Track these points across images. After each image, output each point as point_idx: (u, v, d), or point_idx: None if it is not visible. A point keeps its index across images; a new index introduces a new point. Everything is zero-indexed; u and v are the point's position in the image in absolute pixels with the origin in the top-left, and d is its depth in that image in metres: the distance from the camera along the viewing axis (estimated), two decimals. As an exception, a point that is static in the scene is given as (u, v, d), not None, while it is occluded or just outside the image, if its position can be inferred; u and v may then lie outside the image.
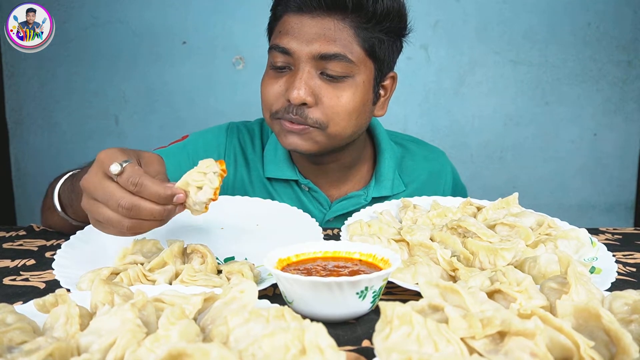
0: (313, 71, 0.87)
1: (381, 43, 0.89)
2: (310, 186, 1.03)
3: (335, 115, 0.88)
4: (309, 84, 0.86)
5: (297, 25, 0.86)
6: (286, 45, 0.87)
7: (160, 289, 0.52)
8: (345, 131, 0.91)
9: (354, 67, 0.87)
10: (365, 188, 1.05)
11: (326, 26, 0.85)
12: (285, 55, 0.87)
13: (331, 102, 0.87)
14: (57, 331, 0.42)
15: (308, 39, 0.85)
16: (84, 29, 2.17)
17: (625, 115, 2.37)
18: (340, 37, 0.85)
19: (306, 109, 0.87)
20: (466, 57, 2.29)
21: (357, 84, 0.89)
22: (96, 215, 0.62)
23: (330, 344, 0.35)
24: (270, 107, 0.91)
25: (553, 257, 0.61)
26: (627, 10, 2.28)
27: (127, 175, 0.59)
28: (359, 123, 0.93)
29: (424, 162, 1.13)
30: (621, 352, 0.36)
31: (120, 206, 0.59)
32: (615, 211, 2.46)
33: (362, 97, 0.90)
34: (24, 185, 2.30)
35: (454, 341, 0.35)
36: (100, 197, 0.60)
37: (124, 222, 0.60)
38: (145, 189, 0.58)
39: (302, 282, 0.50)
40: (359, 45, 0.87)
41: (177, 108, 2.25)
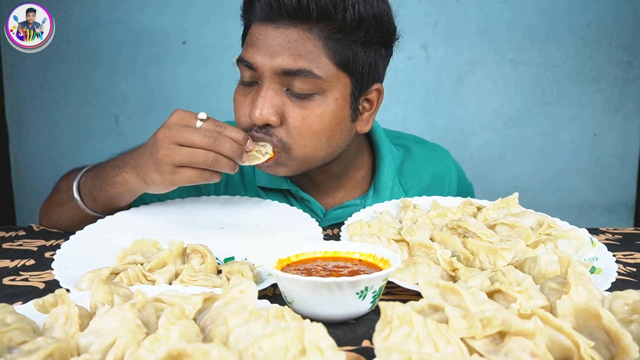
0: (278, 87, 0.80)
1: (356, 55, 0.81)
2: (302, 195, 0.98)
3: (301, 138, 0.81)
4: (272, 102, 0.79)
5: (262, 36, 0.79)
6: (250, 59, 0.80)
7: (160, 289, 0.52)
8: (315, 153, 0.84)
9: (322, 83, 0.79)
10: (363, 197, 1.01)
11: (290, 38, 0.77)
12: (250, 70, 0.81)
13: (296, 122, 0.80)
14: (57, 331, 0.42)
15: (271, 53, 0.78)
16: (84, 29, 2.17)
17: (625, 115, 2.37)
18: (306, 50, 0.77)
19: (271, 129, 0.81)
20: (466, 57, 2.29)
21: (327, 102, 0.81)
22: (180, 156, 0.71)
23: (330, 344, 0.35)
24: (242, 126, 0.85)
25: (553, 257, 0.61)
26: (627, 11, 2.28)
27: (212, 120, 0.73)
28: (333, 143, 0.85)
29: (426, 165, 1.07)
30: (621, 352, 0.36)
31: (207, 136, 0.70)
32: (616, 211, 2.45)
33: (334, 116, 0.82)
34: (24, 185, 2.30)
35: (454, 341, 0.35)
36: (185, 138, 0.71)
37: (209, 156, 0.71)
38: (228, 129, 0.73)
39: (302, 282, 0.50)
40: (329, 59, 0.79)
41: (177, 108, 2.25)
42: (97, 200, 0.84)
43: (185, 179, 0.73)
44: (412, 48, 2.26)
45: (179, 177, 0.73)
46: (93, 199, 0.84)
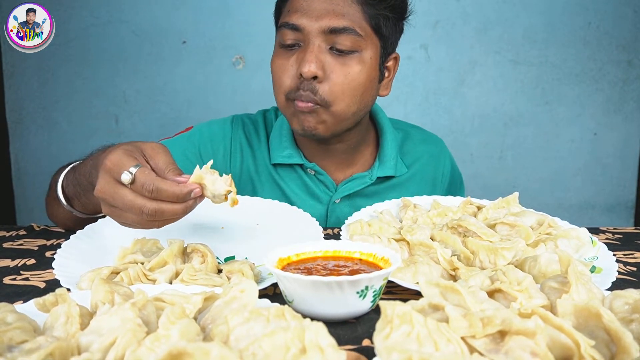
0: (323, 45, 0.88)
1: (387, 20, 0.92)
2: (316, 169, 1.04)
3: (341, 92, 0.89)
4: (319, 57, 0.87)
5: (306, 2, 0.89)
6: (296, 21, 0.88)
7: (160, 288, 0.52)
8: (349, 108, 0.92)
9: (362, 42, 0.89)
10: (370, 169, 1.07)
11: (334, 1, 0.88)
12: (295, 32, 0.89)
13: (339, 78, 0.89)
14: (58, 330, 0.42)
15: (318, 15, 0.87)
16: (84, 28, 2.17)
17: (626, 115, 2.37)
18: (349, 12, 0.88)
19: (316, 83, 0.88)
20: (466, 57, 2.29)
21: (364, 60, 0.90)
22: (122, 220, 0.64)
23: (331, 343, 0.35)
24: (284, 87, 0.92)
25: (553, 257, 0.61)
26: (627, 10, 2.28)
27: (141, 182, 0.59)
28: (364, 100, 0.94)
29: (423, 145, 1.15)
30: (622, 351, 0.36)
31: (144, 214, 0.60)
32: (616, 211, 2.45)
33: (369, 74, 0.92)
34: (24, 185, 2.30)
35: (454, 340, 0.35)
36: (120, 205, 0.61)
37: (153, 225, 0.63)
38: (162, 193, 0.59)
39: (302, 281, 0.50)
40: (366, 21, 0.90)
41: (177, 108, 2.25)
42: (87, 205, 0.82)
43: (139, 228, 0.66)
44: (412, 48, 2.26)
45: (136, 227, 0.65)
46: (81, 203, 0.83)
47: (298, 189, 1.05)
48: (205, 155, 1.06)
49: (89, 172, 0.74)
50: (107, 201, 0.62)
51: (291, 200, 1.04)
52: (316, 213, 1.03)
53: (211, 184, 0.62)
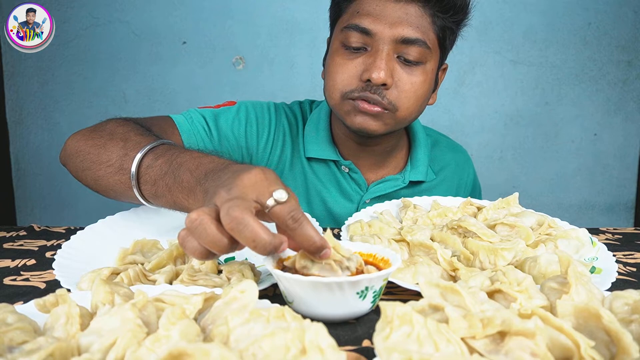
0: (392, 54, 0.88)
1: (451, 33, 0.94)
2: (351, 167, 1.04)
3: (407, 100, 0.90)
4: (389, 65, 0.87)
5: (380, 7, 0.88)
6: (368, 26, 0.87)
7: (160, 289, 0.52)
8: (410, 116, 0.94)
9: (428, 54, 0.90)
10: (402, 172, 1.09)
11: (409, 11, 0.88)
12: (364, 35, 0.88)
13: (405, 86, 0.90)
14: (58, 331, 0.42)
15: (391, 22, 0.87)
16: (84, 28, 2.17)
17: (626, 115, 2.37)
18: (421, 23, 0.88)
19: (384, 90, 0.89)
20: (466, 57, 2.29)
21: (427, 71, 0.92)
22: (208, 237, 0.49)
23: (331, 343, 0.35)
24: (343, 87, 0.91)
25: (553, 257, 0.61)
26: (627, 10, 2.28)
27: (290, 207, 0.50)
28: (422, 109, 0.97)
29: (451, 153, 1.18)
30: (621, 352, 0.36)
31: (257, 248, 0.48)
32: (616, 211, 2.45)
33: (429, 84, 0.94)
34: (24, 185, 2.30)
35: (454, 341, 0.35)
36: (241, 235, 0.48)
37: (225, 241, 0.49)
38: (302, 229, 0.50)
39: (302, 282, 0.50)
40: (434, 33, 0.91)
41: (178, 108, 2.25)
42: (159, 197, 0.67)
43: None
44: (412, 48, 2.26)
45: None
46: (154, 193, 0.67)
47: (330, 185, 1.06)
48: (250, 136, 1.02)
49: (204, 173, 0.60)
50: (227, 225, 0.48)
51: (322, 195, 1.05)
52: (346, 211, 1.05)
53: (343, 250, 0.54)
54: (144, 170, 0.68)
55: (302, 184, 1.06)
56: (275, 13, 2.16)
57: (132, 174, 0.68)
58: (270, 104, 1.09)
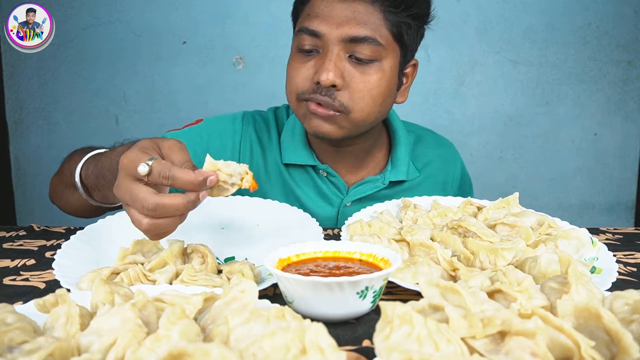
0: (342, 54, 0.87)
1: (408, 28, 0.90)
2: (329, 171, 1.03)
3: (361, 100, 0.88)
4: (338, 66, 0.86)
5: (327, 8, 0.87)
6: (316, 27, 0.86)
7: (160, 289, 0.52)
8: (369, 117, 0.91)
9: (382, 51, 0.87)
10: (382, 173, 1.06)
11: (356, 9, 0.85)
12: (314, 37, 0.87)
13: (358, 86, 0.87)
14: (58, 331, 0.42)
15: (338, 22, 0.85)
16: (84, 28, 2.17)
17: (626, 115, 2.37)
18: (370, 20, 0.86)
19: (335, 91, 0.87)
20: (466, 57, 2.29)
21: (384, 69, 0.89)
22: (130, 216, 0.62)
23: (331, 343, 0.35)
24: (297, 89, 0.91)
25: (553, 257, 0.61)
26: (627, 10, 2.28)
27: (157, 171, 0.58)
28: (383, 109, 0.94)
29: (435, 149, 1.15)
30: (622, 352, 0.36)
31: (144, 207, 0.58)
32: (616, 211, 2.45)
33: (388, 83, 0.91)
34: (24, 185, 2.30)
35: (454, 341, 0.35)
36: (129, 200, 0.60)
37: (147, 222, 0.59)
38: (178, 180, 0.58)
39: (302, 282, 0.50)
40: (388, 29, 0.88)
41: (178, 108, 2.25)
42: (108, 197, 0.83)
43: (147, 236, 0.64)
44: (412, 48, 2.26)
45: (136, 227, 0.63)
46: (103, 195, 0.83)
47: (309, 190, 1.04)
48: (213, 151, 1.02)
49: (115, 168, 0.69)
50: (121, 198, 0.61)
51: (302, 201, 1.03)
52: (327, 215, 1.03)
53: (226, 168, 0.61)
54: (85, 180, 0.81)
55: (281, 190, 1.04)
56: (275, 13, 2.16)
57: (78, 186, 0.81)
58: (237, 115, 1.09)
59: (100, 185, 0.80)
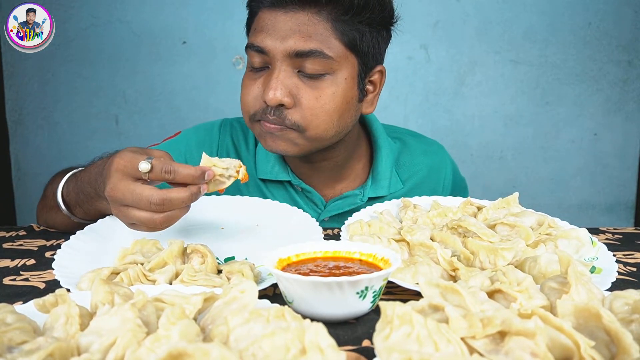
0: (290, 70, 0.82)
1: (363, 35, 0.84)
2: (303, 186, 0.99)
3: (315, 118, 0.83)
4: (285, 83, 0.81)
5: (271, 21, 0.82)
6: (260, 43, 0.82)
7: (160, 289, 0.52)
8: (326, 133, 0.86)
9: (333, 63, 0.82)
10: (362, 187, 1.02)
11: (300, 21, 0.80)
12: (261, 54, 0.83)
13: (309, 102, 0.82)
14: (57, 331, 0.42)
15: (282, 36, 0.80)
16: (84, 28, 2.17)
17: (626, 115, 2.37)
18: (317, 31, 0.80)
19: (284, 110, 0.83)
20: (466, 57, 2.29)
21: (338, 82, 0.84)
22: (130, 219, 0.65)
23: (331, 343, 0.35)
24: (249, 109, 0.87)
25: (553, 257, 0.61)
26: (627, 10, 2.28)
27: (159, 167, 0.63)
28: (342, 123, 0.88)
29: (422, 157, 1.09)
30: (622, 352, 0.36)
31: (152, 203, 0.62)
32: (616, 211, 2.45)
33: (345, 95, 0.85)
34: (24, 185, 2.30)
35: (454, 341, 0.35)
36: (130, 201, 0.63)
37: (156, 217, 0.64)
38: (179, 174, 0.63)
39: (302, 282, 0.50)
40: (338, 39, 0.82)
41: (178, 108, 2.25)
42: (89, 212, 0.82)
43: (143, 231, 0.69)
44: (412, 48, 2.26)
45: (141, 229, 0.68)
46: (84, 211, 0.82)
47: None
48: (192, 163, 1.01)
49: (94, 179, 0.75)
50: (118, 199, 0.64)
51: None
52: None
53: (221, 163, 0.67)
54: (66, 198, 0.82)
55: None
56: (275, 13, 2.16)
57: (60, 205, 0.82)
58: (215, 124, 1.06)
59: (81, 201, 0.80)
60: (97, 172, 0.74)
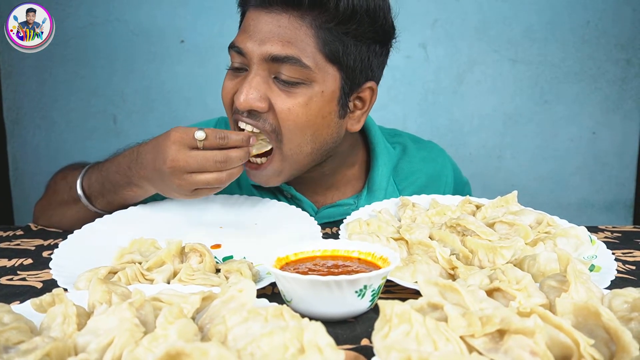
0: (265, 74, 0.79)
1: (347, 48, 0.79)
2: (293, 193, 0.96)
3: (286, 130, 0.80)
4: (258, 88, 0.78)
5: (254, 22, 0.79)
6: (240, 44, 0.80)
7: (158, 288, 0.52)
8: (301, 148, 0.82)
9: (310, 73, 0.78)
10: (356, 196, 0.99)
11: (281, 23, 0.77)
12: (240, 55, 0.81)
13: (282, 113, 0.79)
14: (55, 331, 0.42)
15: (261, 39, 0.77)
16: (81, 28, 2.17)
17: (624, 114, 2.37)
18: (296, 37, 0.76)
19: (259, 114, 0.80)
20: (465, 56, 2.29)
21: (313, 94, 0.79)
22: (195, 184, 0.74)
23: (329, 342, 0.34)
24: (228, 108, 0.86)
25: (552, 255, 0.61)
26: (626, 9, 2.28)
27: (213, 134, 0.73)
28: (319, 139, 0.83)
29: (422, 164, 1.06)
30: (621, 350, 0.36)
31: (217, 162, 0.73)
32: (614, 209, 2.46)
33: (320, 109, 0.80)
34: (22, 184, 2.29)
35: (453, 340, 0.35)
36: (195, 166, 0.73)
37: (222, 176, 0.74)
38: (232, 139, 0.74)
39: (300, 280, 0.50)
40: (318, 49, 0.78)
41: (175, 107, 2.25)
42: (113, 202, 0.85)
43: (205, 195, 0.79)
44: (411, 47, 2.26)
45: (200, 194, 0.78)
46: (107, 202, 0.85)
47: None
48: None
49: (127, 167, 0.80)
50: (181, 168, 0.73)
51: None
52: None
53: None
54: (87, 190, 0.85)
55: None
56: (274, 12, 2.15)
57: (81, 197, 0.85)
58: (211, 122, 1.06)
59: (106, 191, 0.84)
60: (131, 160, 0.80)
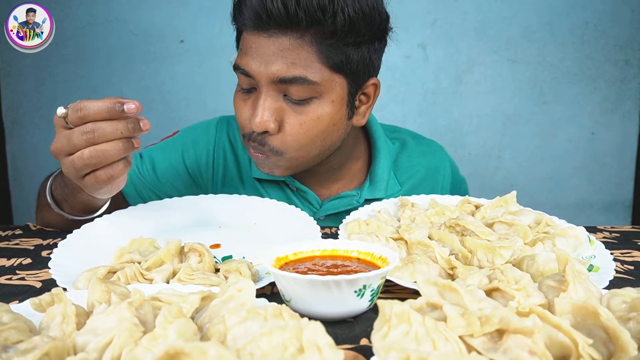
0: (275, 94, 0.81)
1: (349, 57, 0.81)
2: (298, 186, 0.99)
3: (294, 142, 0.83)
4: (271, 108, 0.80)
5: (255, 44, 0.80)
6: (246, 67, 0.81)
7: (157, 288, 0.52)
8: (308, 154, 0.86)
9: (318, 88, 0.80)
10: (359, 189, 1.02)
11: (283, 46, 0.78)
12: (247, 77, 0.82)
13: (293, 129, 0.82)
14: (54, 330, 0.41)
15: (266, 61, 0.78)
16: (81, 27, 2.16)
17: (623, 114, 2.38)
18: (299, 57, 0.78)
19: (267, 136, 0.83)
20: (464, 56, 2.29)
21: (324, 105, 0.82)
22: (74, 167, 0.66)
23: (329, 342, 0.34)
24: (242, 130, 0.87)
25: (551, 255, 0.61)
26: (625, 9, 2.29)
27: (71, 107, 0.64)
28: (327, 143, 0.87)
29: (421, 158, 1.08)
30: (619, 349, 0.36)
31: (83, 133, 0.63)
32: (613, 210, 2.46)
33: (331, 118, 0.84)
34: (21, 184, 2.29)
35: (452, 339, 0.35)
36: (66, 143, 0.65)
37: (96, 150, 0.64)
38: (89, 108, 0.63)
39: (300, 280, 0.50)
40: (322, 63, 0.79)
41: (175, 107, 2.25)
42: (74, 205, 0.84)
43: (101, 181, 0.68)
44: (410, 47, 2.26)
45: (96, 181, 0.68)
46: (69, 205, 0.84)
47: None
48: (189, 160, 1.02)
49: None
50: (57, 151, 0.67)
51: None
52: None
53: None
54: (55, 195, 0.85)
55: None
56: (273, 12, 2.15)
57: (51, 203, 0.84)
58: (212, 122, 1.06)
59: (66, 195, 0.83)
60: None
